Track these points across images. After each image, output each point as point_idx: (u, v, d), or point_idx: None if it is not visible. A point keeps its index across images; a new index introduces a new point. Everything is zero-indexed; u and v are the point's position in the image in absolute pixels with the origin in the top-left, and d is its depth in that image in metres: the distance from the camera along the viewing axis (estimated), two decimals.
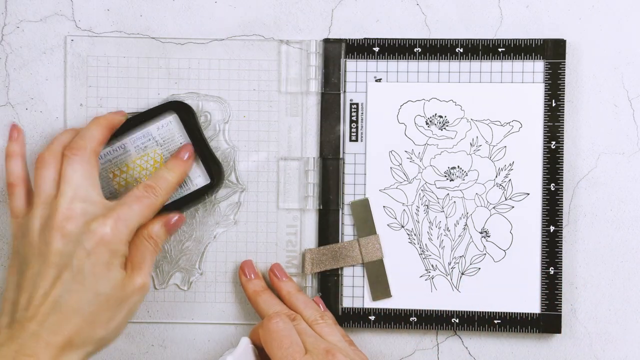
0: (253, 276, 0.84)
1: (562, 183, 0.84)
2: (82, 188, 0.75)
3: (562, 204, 0.84)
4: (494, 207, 0.84)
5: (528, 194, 0.84)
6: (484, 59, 0.84)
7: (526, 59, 0.84)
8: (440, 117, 0.84)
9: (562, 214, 0.84)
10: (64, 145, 0.78)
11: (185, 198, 0.82)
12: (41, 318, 0.72)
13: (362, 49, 0.85)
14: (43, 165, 0.77)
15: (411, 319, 0.84)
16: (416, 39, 0.84)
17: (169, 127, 0.82)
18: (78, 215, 0.74)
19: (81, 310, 0.72)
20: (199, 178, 0.82)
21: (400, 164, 0.84)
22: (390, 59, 0.85)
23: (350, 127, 0.85)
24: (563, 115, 0.83)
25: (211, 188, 0.83)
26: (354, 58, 0.85)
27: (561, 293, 0.83)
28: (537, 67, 0.84)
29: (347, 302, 0.85)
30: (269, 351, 0.76)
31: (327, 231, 0.85)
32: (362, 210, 0.85)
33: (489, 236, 0.84)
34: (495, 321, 0.84)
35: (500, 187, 0.84)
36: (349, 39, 0.85)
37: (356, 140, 0.85)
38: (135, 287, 0.75)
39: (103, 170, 0.83)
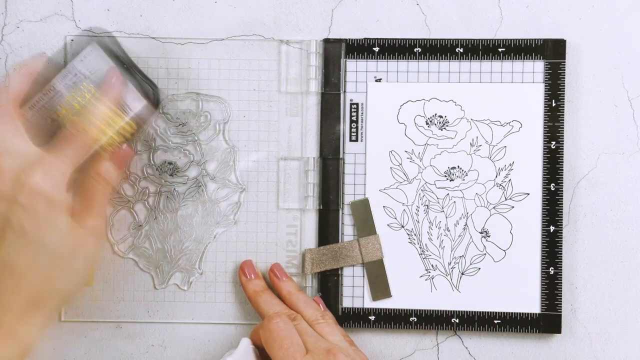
0: (253, 276, 0.84)
1: (562, 183, 0.84)
2: (6, 142, 0.72)
3: (562, 204, 0.84)
4: (494, 207, 0.84)
5: (528, 194, 0.84)
6: (484, 59, 0.84)
7: (526, 59, 0.84)
8: (440, 117, 0.84)
9: (562, 214, 0.84)
10: None
11: (126, 127, 0.78)
12: None
13: (362, 49, 0.85)
14: None
15: (411, 319, 0.84)
16: (416, 39, 0.84)
17: (92, 57, 0.78)
18: (6, 171, 0.70)
19: (33, 266, 0.69)
20: (134, 102, 0.78)
21: (400, 164, 0.85)
22: (390, 59, 0.85)
23: (350, 127, 0.85)
24: (563, 115, 0.84)
25: (150, 110, 0.79)
26: (354, 58, 0.85)
27: (561, 293, 0.83)
28: (537, 67, 0.84)
29: (347, 302, 0.85)
30: (269, 351, 0.76)
31: (327, 231, 0.85)
32: (362, 210, 0.85)
33: (489, 236, 0.84)
34: (495, 321, 0.84)
35: (500, 187, 0.84)
36: (349, 39, 0.85)
37: (356, 140, 0.85)
38: (87, 231, 0.72)
39: (40, 117, 0.78)
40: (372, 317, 0.85)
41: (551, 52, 0.84)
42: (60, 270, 0.71)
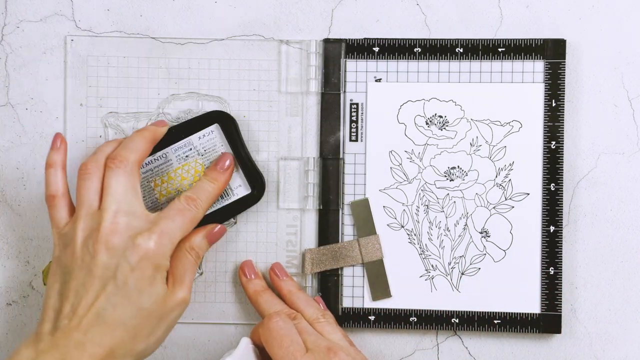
0: (253, 276, 0.84)
1: (562, 183, 0.84)
2: (125, 201, 0.75)
3: (562, 204, 0.84)
4: (494, 207, 0.84)
5: (528, 194, 0.84)
6: (484, 59, 0.84)
7: (526, 59, 0.84)
8: (440, 117, 0.84)
9: (562, 214, 0.84)
10: (107, 155, 0.78)
11: (226, 208, 0.83)
12: (85, 328, 0.72)
13: (362, 49, 0.85)
14: (86, 175, 0.77)
15: (411, 319, 0.84)
16: (416, 39, 0.84)
17: (211, 137, 0.83)
18: (122, 229, 0.74)
19: (124, 323, 0.73)
20: (239, 188, 0.83)
21: (400, 164, 0.84)
22: (390, 59, 0.85)
23: (350, 127, 0.85)
24: (563, 115, 0.83)
25: (252, 198, 0.83)
26: (354, 58, 0.85)
27: (561, 293, 0.83)
28: (537, 67, 0.84)
29: (347, 302, 0.85)
30: (269, 350, 0.76)
31: (327, 231, 0.85)
32: (362, 210, 0.85)
33: (489, 236, 0.84)
34: (495, 321, 0.84)
35: (500, 187, 0.84)
36: (349, 39, 0.85)
37: (356, 140, 0.85)
38: (176, 302, 0.76)
39: (144, 179, 0.83)
40: (372, 317, 0.85)
41: (551, 52, 0.84)
42: (145, 333, 0.74)
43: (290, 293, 0.83)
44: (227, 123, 0.83)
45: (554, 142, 0.84)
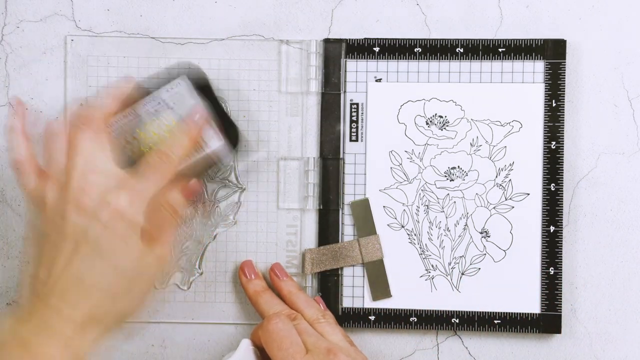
0: (253, 276, 0.84)
1: (562, 183, 0.84)
2: (93, 159, 0.73)
3: (562, 204, 0.84)
4: (494, 207, 0.84)
5: (528, 194, 0.84)
6: (484, 59, 0.84)
7: (526, 59, 0.84)
8: (441, 117, 0.84)
9: (562, 214, 0.84)
10: (72, 114, 0.76)
11: (200, 161, 0.80)
12: (61, 292, 0.70)
13: (362, 49, 0.85)
14: (53, 136, 0.75)
15: (411, 319, 0.84)
16: (416, 39, 0.84)
17: (179, 89, 0.80)
18: (91, 187, 0.72)
19: (100, 283, 0.71)
20: (212, 140, 0.80)
21: (401, 164, 0.85)
22: (390, 59, 0.85)
23: (351, 127, 0.85)
24: (563, 115, 0.84)
25: (226, 150, 0.80)
26: (354, 58, 0.85)
27: (561, 293, 0.83)
28: (537, 67, 0.84)
29: (347, 302, 0.85)
30: (269, 352, 0.76)
31: (327, 231, 0.85)
32: (362, 210, 0.85)
33: (489, 236, 0.84)
34: (495, 321, 0.84)
35: (500, 187, 0.84)
36: (349, 39, 0.85)
37: (356, 140, 0.85)
38: (153, 259, 0.73)
39: (115, 137, 0.80)
40: (372, 317, 0.85)
41: (551, 52, 0.84)
42: (123, 292, 0.72)
43: (290, 293, 0.83)
44: (193, 74, 0.80)
45: (554, 142, 0.84)
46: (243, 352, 0.78)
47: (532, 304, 0.84)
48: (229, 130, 0.81)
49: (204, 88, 0.81)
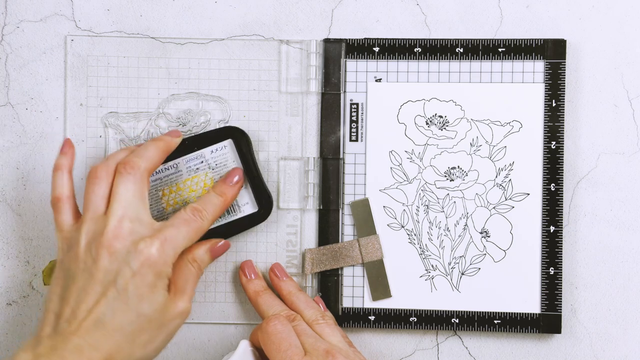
0: (253, 276, 0.84)
1: (562, 183, 0.84)
2: (132, 207, 0.75)
3: (562, 204, 0.84)
4: (494, 207, 0.84)
5: (528, 194, 0.84)
6: (484, 59, 0.84)
7: (526, 59, 0.84)
8: (441, 117, 0.84)
9: (562, 214, 0.84)
10: (118, 161, 0.78)
11: (232, 224, 0.83)
12: (84, 332, 0.72)
13: (362, 49, 0.85)
14: (95, 179, 0.77)
15: (411, 319, 0.84)
16: (416, 39, 0.84)
17: (223, 152, 0.83)
18: (126, 234, 0.74)
19: (123, 329, 0.73)
20: (247, 205, 0.83)
21: (400, 164, 0.85)
22: (390, 59, 0.85)
23: (350, 127, 0.85)
24: (563, 115, 0.83)
25: (258, 216, 0.83)
26: (354, 58, 0.85)
27: (561, 293, 0.83)
28: (537, 67, 0.84)
29: (347, 302, 0.85)
30: (268, 354, 0.76)
31: (327, 231, 0.85)
32: (362, 210, 0.85)
33: (489, 236, 0.84)
34: (495, 321, 0.84)
35: (500, 187, 0.84)
36: (349, 39, 0.85)
37: (356, 140, 0.85)
38: (176, 311, 0.76)
39: (153, 187, 0.83)
40: (372, 317, 0.85)
41: (551, 52, 0.84)
42: (144, 340, 0.74)
43: (289, 294, 0.83)
44: (240, 139, 0.83)
45: (554, 142, 0.84)
46: (242, 353, 0.78)
47: (532, 304, 0.84)
48: (263, 197, 0.83)
49: (245, 153, 0.83)
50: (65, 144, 0.80)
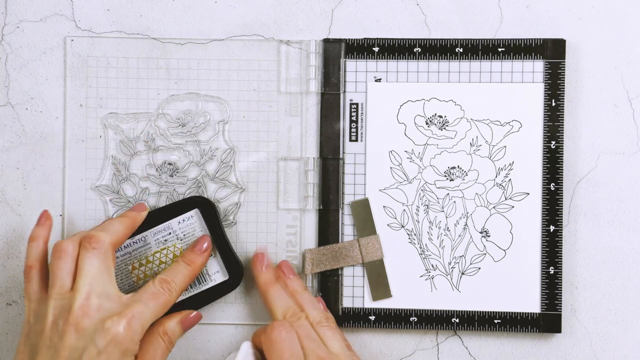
0: (265, 269, 0.84)
1: (562, 183, 0.84)
2: (98, 282, 0.75)
3: (562, 203, 0.84)
4: (494, 207, 0.84)
5: (528, 193, 0.84)
6: (483, 59, 0.84)
7: (526, 58, 0.84)
8: (440, 117, 0.84)
9: (562, 214, 0.84)
10: (83, 236, 0.78)
11: (202, 294, 0.83)
12: None
13: (362, 49, 0.85)
14: (60, 254, 0.77)
15: (411, 319, 0.84)
16: (416, 39, 0.84)
17: (190, 222, 0.83)
18: (94, 311, 0.74)
19: None
20: (217, 274, 0.83)
21: (400, 164, 0.85)
22: (390, 59, 0.85)
23: (350, 127, 0.85)
24: (563, 115, 0.84)
25: (229, 285, 0.83)
26: (353, 58, 0.85)
27: (561, 293, 0.83)
28: (537, 67, 0.84)
29: (347, 302, 0.85)
30: (269, 358, 0.76)
31: (327, 231, 0.85)
32: (362, 210, 0.85)
33: (489, 236, 0.84)
34: (495, 321, 0.84)
35: (500, 187, 0.84)
36: (349, 39, 0.85)
37: (356, 140, 0.85)
38: None
39: (122, 262, 0.83)
40: (372, 317, 0.85)
41: (551, 52, 0.84)
42: None
43: (295, 292, 0.83)
44: (207, 208, 0.83)
45: (553, 142, 0.84)
46: (244, 354, 0.78)
47: (532, 304, 0.84)
48: (232, 264, 0.83)
49: (213, 221, 0.83)
50: (43, 215, 0.81)
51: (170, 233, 0.83)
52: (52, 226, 0.82)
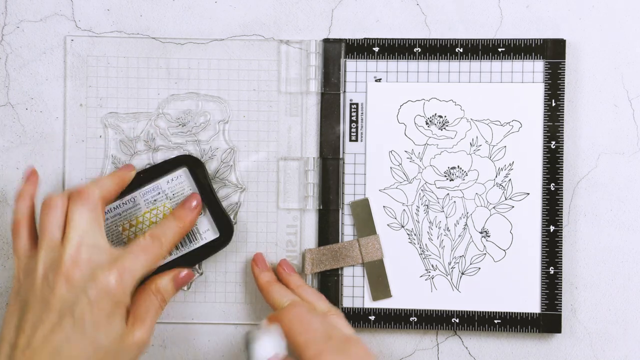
0: (264, 270, 0.84)
1: (562, 183, 0.84)
2: (88, 235, 0.75)
3: (562, 204, 0.84)
4: (494, 207, 0.84)
5: (528, 193, 0.84)
6: (483, 59, 0.84)
7: (526, 58, 0.84)
8: (440, 117, 0.84)
9: (562, 214, 0.84)
10: (72, 190, 0.77)
11: (194, 252, 0.83)
12: None
13: (362, 49, 0.85)
14: (49, 208, 0.76)
15: (411, 319, 0.84)
16: (416, 39, 0.84)
17: (179, 181, 0.83)
18: (84, 262, 0.74)
19: (77, 359, 0.72)
20: (207, 232, 0.83)
21: (400, 164, 0.85)
22: (390, 59, 0.85)
23: (350, 127, 0.85)
24: (563, 115, 0.84)
25: (220, 242, 0.83)
26: (353, 58, 0.85)
27: (561, 293, 0.83)
28: (537, 67, 0.84)
29: (347, 302, 0.85)
30: (291, 337, 0.75)
31: (327, 231, 0.85)
32: (362, 210, 0.85)
33: (489, 236, 0.84)
34: (495, 321, 0.84)
35: (500, 187, 0.84)
36: (349, 39, 0.85)
37: (356, 140, 0.85)
38: (134, 342, 0.75)
39: (112, 223, 0.83)
40: (372, 317, 0.85)
41: (551, 52, 0.84)
42: None
43: (298, 287, 0.83)
44: (195, 166, 0.83)
45: (554, 142, 0.84)
46: (273, 332, 0.76)
47: (532, 304, 0.84)
48: (223, 222, 0.83)
49: (201, 179, 0.83)
50: (29, 172, 0.80)
51: (159, 193, 0.82)
52: (39, 182, 0.81)
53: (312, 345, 0.74)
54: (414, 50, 0.84)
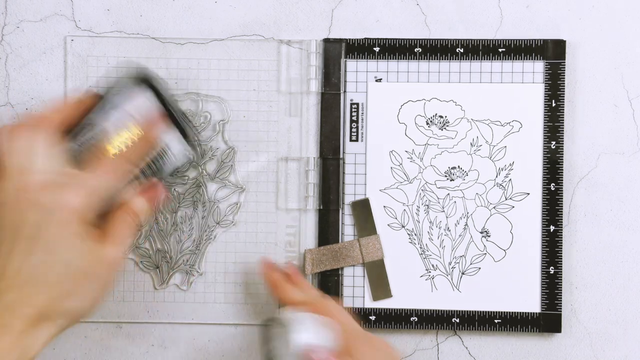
0: (273, 270, 0.83)
1: (562, 183, 0.84)
2: (52, 158, 0.74)
3: (562, 204, 0.84)
4: (494, 207, 0.84)
5: (528, 193, 0.84)
6: (484, 59, 0.84)
7: (526, 59, 0.84)
8: (441, 117, 0.84)
9: (562, 214, 0.84)
10: (29, 117, 0.76)
11: (162, 166, 0.79)
12: (15, 289, 0.70)
13: (362, 49, 0.85)
14: (7, 137, 0.74)
15: (411, 319, 0.84)
16: (416, 39, 0.84)
17: (142, 99, 0.78)
18: (49, 185, 0.72)
19: (50, 279, 0.71)
20: (173, 143, 0.79)
21: (401, 164, 0.85)
22: (390, 59, 0.85)
23: (351, 127, 0.85)
24: (563, 115, 0.84)
25: (187, 153, 0.80)
26: (354, 58, 0.85)
27: (561, 293, 0.84)
28: (537, 68, 0.84)
29: (347, 302, 0.85)
30: (337, 316, 0.76)
31: (327, 231, 0.85)
32: (363, 210, 0.85)
33: (489, 236, 0.84)
34: (496, 321, 0.84)
35: (501, 187, 0.84)
36: (349, 39, 0.85)
37: (356, 140, 0.85)
38: (107, 259, 0.73)
39: (86, 152, 0.78)
40: (372, 317, 0.85)
41: (551, 52, 0.84)
42: (71, 289, 0.72)
43: (308, 288, 0.82)
44: (153, 83, 0.78)
45: (553, 142, 0.84)
46: (309, 321, 0.75)
47: (532, 304, 0.84)
48: (189, 132, 0.79)
49: (162, 94, 0.79)
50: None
51: (123, 114, 0.78)
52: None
53: (345, 334, 0.74)
54: (415, 50, 0.84)
